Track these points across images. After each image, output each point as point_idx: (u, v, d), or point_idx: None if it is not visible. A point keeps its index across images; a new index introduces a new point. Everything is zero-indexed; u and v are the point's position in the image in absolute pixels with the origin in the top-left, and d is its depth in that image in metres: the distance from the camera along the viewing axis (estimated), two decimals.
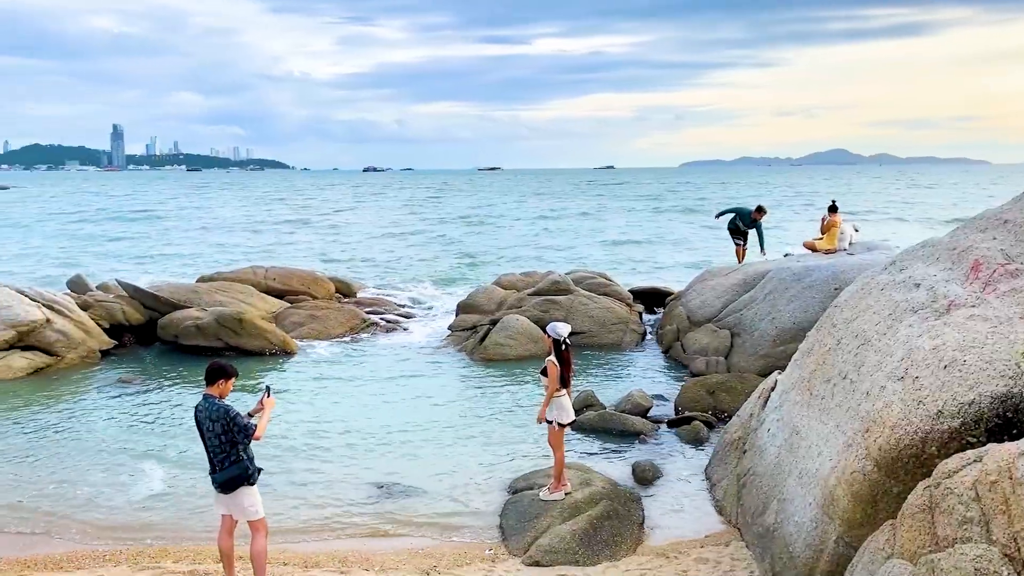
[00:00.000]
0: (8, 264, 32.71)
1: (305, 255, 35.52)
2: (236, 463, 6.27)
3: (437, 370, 15.54)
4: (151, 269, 31.03)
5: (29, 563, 7.64)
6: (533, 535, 8.04)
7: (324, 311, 19.46)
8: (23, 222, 56.94)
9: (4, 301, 15.90)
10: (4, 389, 14.03)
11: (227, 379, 6.40)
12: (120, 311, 17.76)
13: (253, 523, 6.45)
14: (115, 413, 12.67)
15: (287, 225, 54.12)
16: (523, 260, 33.40)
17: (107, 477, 9.95)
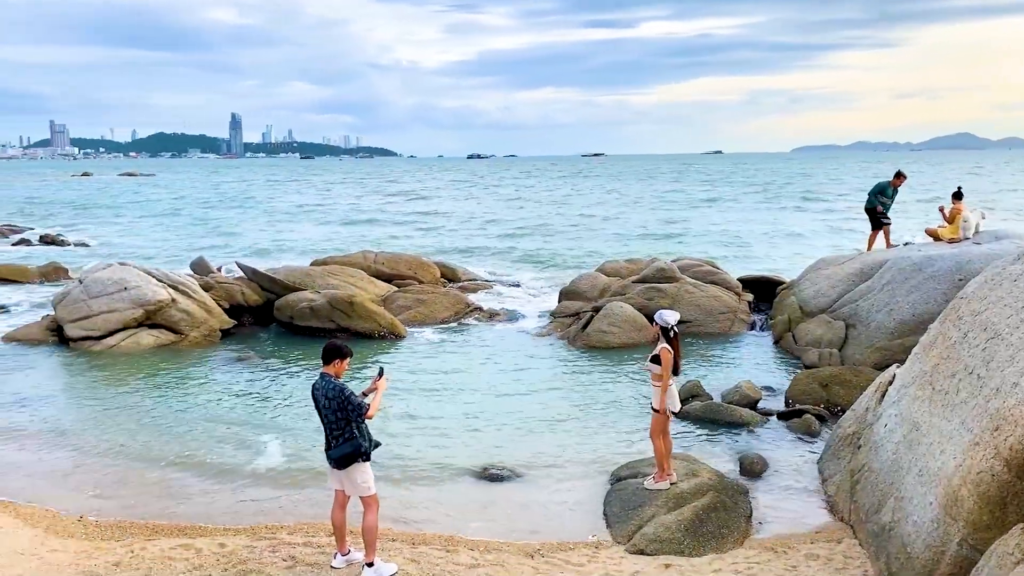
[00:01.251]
0: (138, 246, 34.70)
1: (411, 240, 36.25)
2: (350, 440, 6.50)
3: (539, 356, 15.61)
4: (268, 252, 32.32)
5: (156, 529, 8.11)
6: (637, 523, 7.99)
7: (430, 295, 19.82)
8: (154, 206, 60.29)
9: (133, 282, 16.88)
10: (133, 364, 14.92)
11: (342, 359, 6.62)
12: (239, 292, 18.59)
13: (365, 499, 6.67)
14: (234, 389, 13.30)
15: (395, 210, 55.33)
16: (628, 248, 33.09)
17: (227, 449, 10.46)
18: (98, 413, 12.05)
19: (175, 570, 6.78)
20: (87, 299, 16.54)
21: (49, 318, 17.22)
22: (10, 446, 10.62)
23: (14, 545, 7.43)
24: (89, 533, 7.95)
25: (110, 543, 7.65)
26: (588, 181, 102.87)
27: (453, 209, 56.92)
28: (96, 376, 14.19)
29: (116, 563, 6.99)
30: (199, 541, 7.58)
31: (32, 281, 24.51)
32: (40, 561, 7.08)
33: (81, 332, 16.11)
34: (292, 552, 7.15)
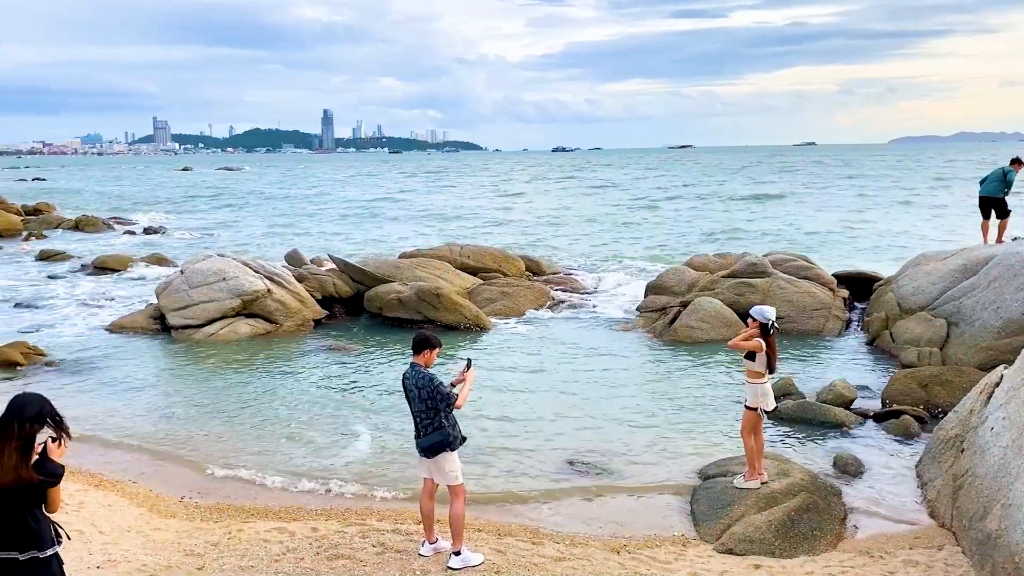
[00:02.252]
0: (235, 237, 35.97)
1: (496, 234, 36.45)
2: (438, 429, 6.61)
3: (625, 350, 15.49)
4: (358, 245, 33.03)
5: (252, 511, 8.40)
6: (726, 523, 7.85)
7: (515, 288, 19.90)
8: (250, 199, 62.41)
9: (231, 273, 17.50)
10: (230, 352, 15.49)
11: (431, 349, 6.73)
12: (331, 284, 19.06)
13: (453, 488, 6.76)
14: (327, 378, 13.65)
15: (481, 203, 55.75)
16: (718, 242, 32.49)
17: (321, 436, 10.76)
18: (198, 399, 12.56)
19: (270, 552, 7.01)
20: (188, 289, 17.24)
21: (152, 307, 18.01)
22: (117, 429, 11.17)
23: (121, 522, 7.82)
24: (189, 514, 8.30)
25: (209, 524, 7.96)
26: (675, 173, 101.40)
27: (538, 202, 56.94)
28: (196, 363, 14.78)
29: (215, 543, 7.27)
30: (292, 525, 7.82)
31: (137, 270, 25.71)
32: (145, 539, 7.43)
33: (182, 321, 16.81)
34: (381, 539, 7.30)
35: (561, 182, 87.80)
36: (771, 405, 8.43)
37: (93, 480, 9.02)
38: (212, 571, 6.57)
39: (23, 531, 3.83)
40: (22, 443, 3.80)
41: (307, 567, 6.67)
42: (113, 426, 11.26)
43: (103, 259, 26.60)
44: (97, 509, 8.07)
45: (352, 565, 6.69)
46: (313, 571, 6.58)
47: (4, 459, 3.77)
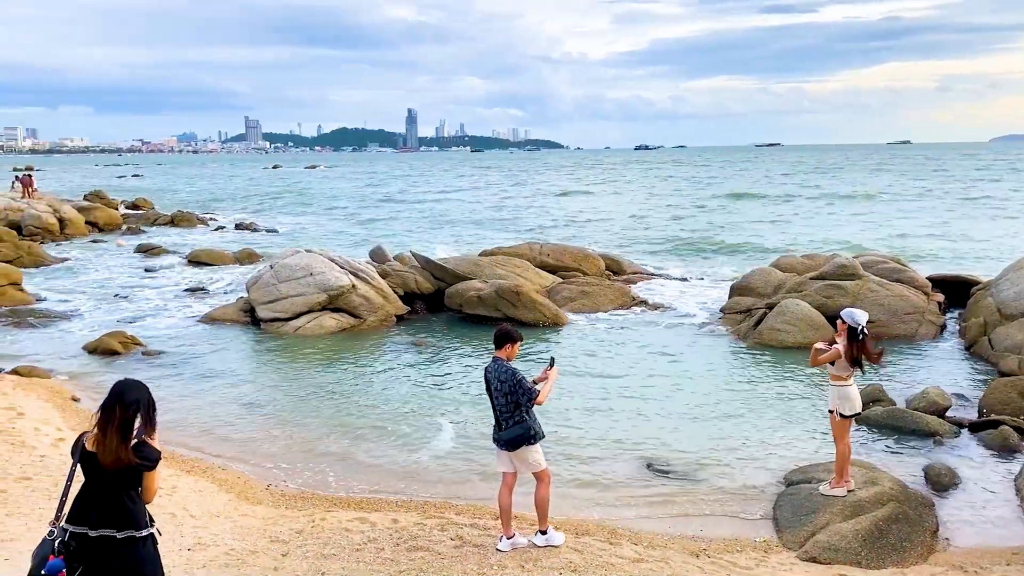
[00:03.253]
0: (323, 233, 36.87)
1: (576, 232, 36.35)
2: (520, 423, 6.67)
3: (708, 351, 15.24)
4: (440, 242, 33.43)
5: (334, 500, 8.60)
6: (810, 530, 7.64)
7: (595, 287, 19.82)
8: (337, 197, 63.90)
9: (318, 268, 17.95)
10: (317, 345, 15.88)
11: (513, 343, 6.81)
12: (413, 280, 19.35)
13: (538, 473, 6.86)
14: (409, 372, 13.87)
15: (562, 201, 55.71)
16: (804, 244, 31.66)
17: (402, 429, 10.94)
18: (285, 390, 12.93)
19: (352, 542, 7.15)
20: (277, 283, 17.75)
21: (243, 300, 18.62)
22: (209, 416, 11.59)
23: (211, 507, 8.11)
24: (275, 501, 8.55)
25: (293, 511, 8.19)
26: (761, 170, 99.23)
27: (619, 201, 56.56)
28: (284, 355, 15.22)
29: (299, 531, 7.47)
30: (373, 515, 7.97)
31: (229, 265, 26.65)
32: (233, 524, 7.68)
33: (271, 314, 17.32)
34: (460, 532, 7.37)
35: (643, 180, 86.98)
36: (851, 410, 8.15)
37: (185, 465, 9.38)
38: (296, 558, 6.75)
39: (121, 511, 4.01)
40: (122, 426, 3.98)
41: (387, 557, 6.78)
42: (205, 414, 11.68)
43: (197, 253, 27.66)
44: (188, 494, 8.38)
45: (431, 557, 6.77)
46: (393, 562, 6.69)
47: (106, 441, 3.96)
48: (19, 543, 6.62)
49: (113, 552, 3.99)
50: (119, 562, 4.00)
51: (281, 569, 6.47)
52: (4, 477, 8.25)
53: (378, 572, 6.48)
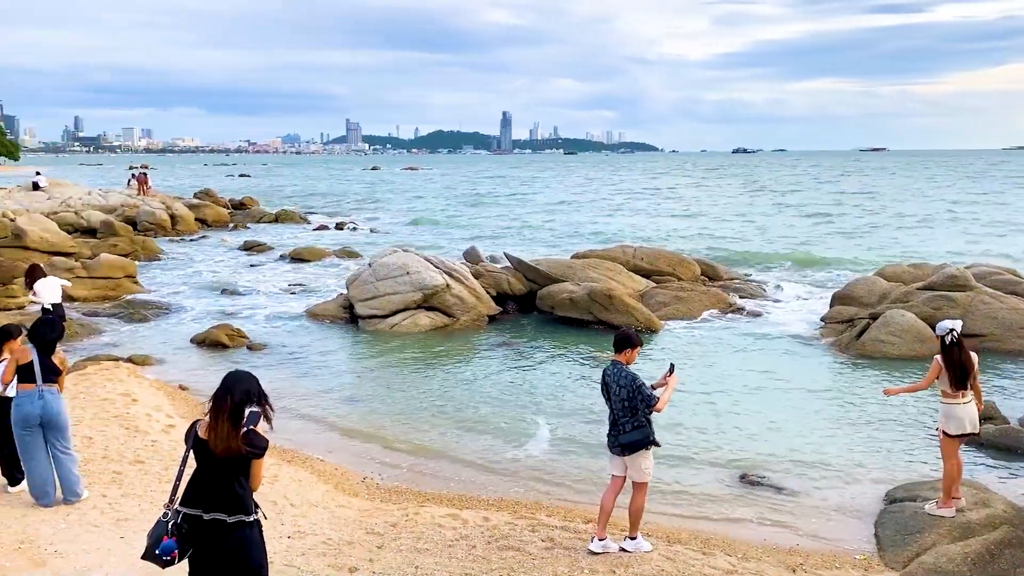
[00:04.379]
0: (418, 233, 37.52)
1: (671, 236, 35.87)
2: (639, 428, 6.68)
3: (806, 361, 14.81)
4: (533, 243, 33.55)
5: (427, 496, 8.75)
6: (915, 550, 7.33)
7: (689, 292, 19.51)
8: (433, 198, 64.94)
9: (415, 267, 18.28)
10: (412, 342, 16.19)
11: (633, 348, 6.85)
12: (506, 281, 19.49)
13: (639, 484, 6.85)
14: (501, 372, 13.98)
15: (656, 204, 55.09)
16: (905, 251, 30.38)
17: (494, 428, 11.04)
18: (381, 385, 13.22)
19: (444, 537, 7.26)
20: (375, 281, 18.17)
21: (342, 297, 19.13)
22: (308, 409, 11.95)
23: (310, 497, 8.36)
24: (370, 494, 8.76)
25: (388, 505, 8.36)
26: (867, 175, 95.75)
27: (716, 205, 55.51)
28: (380, 352, 15.56)
29: (393, 524, 7.62)
30: (465, 512, 8.07)
31: (329, 262, 27.41)
32: (330, 514, 7.90)
33: (368, 311, 17.74)
34: (550, 534, 7.38)
35: (743, 184, 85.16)
36: (957, 429, 7.76)
37: (286, 456, 9.70)
38: (390, 551, 6.89)
39: (231, 496, 4.20)
40: (233, 415, 4.16)
41: (479, 555, 6.86)
42: (304, 406, 12.06)
43: (299, 251, 28.59)
44: (289, 483, 8.67)
45: (522, 557, 6.81)
46: (484, 559, 6.76)
47: (218, 429, 4.14)
48: (133, 523, 6.99)
49: (223, 535, 4.17)
50: (228, 545, 4.18)
51: (376, 561, 6.62)
52: (120, 459, 8.72)
53: (470, 569, 6.55)
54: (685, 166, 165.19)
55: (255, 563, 4.26)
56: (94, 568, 6.03)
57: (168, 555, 4.09)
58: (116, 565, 6.09)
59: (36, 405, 7.04)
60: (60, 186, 45.88)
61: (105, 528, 6.83)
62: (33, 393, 7.04)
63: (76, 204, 36.96)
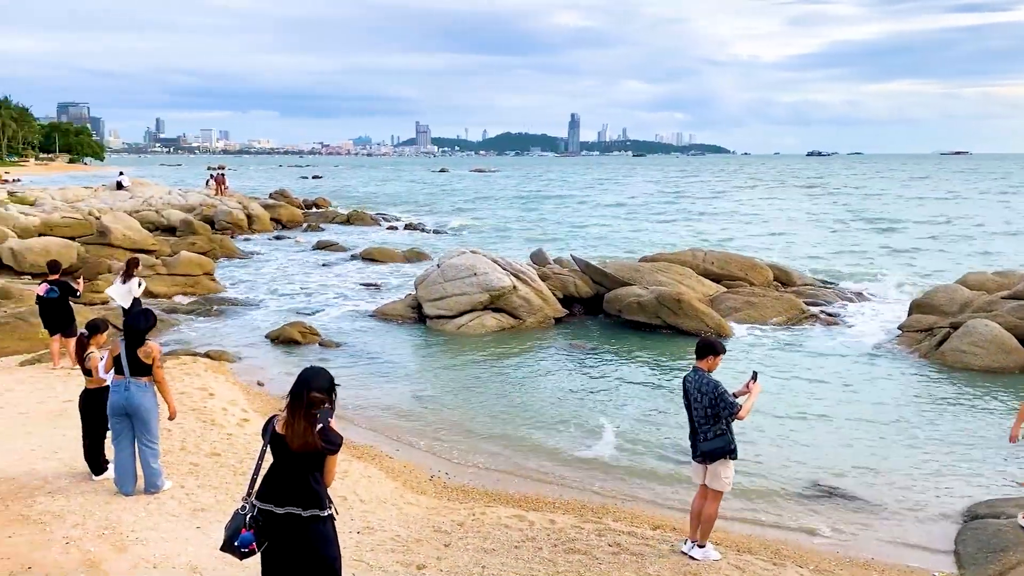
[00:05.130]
0: (486, 234, 37.72)
1: (743, 240, 35.27)
2: (720, 436, 6.60)
3: (882, 371, 14.37)
4: (600, 246, 33.40)
5: (493, 496, 8.78)
6: (998, 568, 7.04)
7: (761, 298, 19.15)
8: (499, 200, 65.20)
9: (482, 268, 18.38)
10: (478, 343, 16.28)
11: (716, 356, 6.76)
12: (572, 284, 19.45)
13: (715, 492, 6.77)
14: (569, 375, 13.95)
15: (727, 208, 54.26)
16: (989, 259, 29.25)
17: (560, 431, 11.01)
18: (449, 385, 13.33)
19: (510, 538, 7.27)
20: (443, 282, 18.34)
21: (411, 297, 19.35)
22: (378, 406, 12.13)
23: (378, 493, 8.48)
24: (438, 492, 8.83)
25: (454, 504, 8.42)
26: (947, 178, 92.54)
27: (790, 208, 54.36)
28: (448, 352, 15.70)
29: (460, 523, 7.67)
30: (531, 514, 8.07)
31: (399, 263, 27.78)
32: (398, 511, 8.00)
33: (436, 311, 17.91)
34: (617, 539, 7.33)
35: (816, 188, 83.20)
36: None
37: (356, 452, 9.85)
38: (457, 549, 6.94)
39: (306, 490, 4.28)
40: (309, 412, 4.24)
41: (545, 557, 6.85)
42: (374, 403, 12.24)
43: (369, 251, 29.05)
44: (359, 479, 8.80)
45: (588, 561, 6.77)
46: (551, 562, 6.75)
47: (294, 425, 4.23)
48: (209, 513, 7.19)
49: (297, 529, 4.26)
50: (303, 539, 4.26)
51: (444, 559, 6.67)
52: (197, 452, 8.98)
53: (536, 571, 6.55)
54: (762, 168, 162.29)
55: (329, 557, 4.34)
56: (173, 556, 6.23)
57: (246, 547, 4.20)
58: (194, 554, 6.28)
59: (122, 396, 7.32)
60: (142, 186, 47.55)
61: (183, 518, 7.05)
62: (120, 384, 7.34)
63: (157, 203, 38.31)
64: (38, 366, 12.40)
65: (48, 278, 12.39)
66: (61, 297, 12.21)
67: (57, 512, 6.92)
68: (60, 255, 20.52)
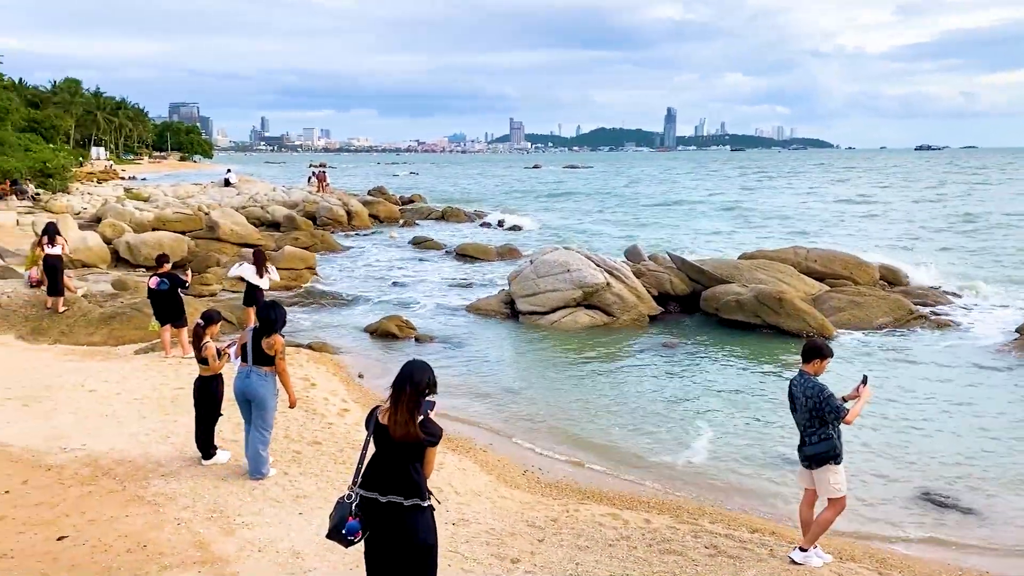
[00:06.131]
0: (579, 231, 37.60)
1: (847, 237, 34.05)
2: (825, 440, 6.41)
3: (998, 376, 13.63)
4: (693, 243, 32.83)
5: (587, 493, 8.74)
6: None
7: (867, 298, 18.42)
8: (593, 196, 64.93)
9: (575, 265, 18.32)
10: (572, 339, 16.24)
11: (823, 359, 6.59)
12: (668, 281, 19.17)
13: (833, 500, 6.56)
14: (665, 374, 13.76)
15: (833, 205, 52.50)
16: None
17: (655, 430, 10.88)
18: (542, 381, 13.35)
19: (605, 536, 7.22)
20: (536, 278, 18.37)
21: (504, 292, 19.47)
22: (471, 399, 12.25)
23: (473, 486, 8.55)
24: (531, 487, 8.85)
25: (548, 500, 8.42)
26: None
27: (899, 206, 52.14)
28: (541, 348, 15.72)
29: (554, 519, 7.66)
30: (626, 513, 7.99)
31: (492, 259, 27.99)
32: (492, 504, 8.05)
33: (529, 307, 17.95)
34: (714, 541, 7.18)
35: (930, 183, 79.56)
36: None
37: (450, 444, 9.96)
38: (551, 545, 6.93)
39: (407, 481, 4.35)
40: (411, 403, 4.31)
41: (640, 557, 6.77)
42: (468, 396, 12.37)
43: (464, 247, 29.36)
44: (453, 471, 8.90)
45: (684, 563, 6.66)
46: (645, 561, 6.66)
47: (397, 416, 4.31)
48: (311, 500, 7.41)
49: (399, 518, 4.33)
50: (403, 527, 4.33)
51: (537, 554, 6.67)
52: (299, 440, 9.26)
53: (631, 570, 6.47)
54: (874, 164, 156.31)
55: (428, 545, 4.40)
56: (277, 540, 6.44)
57: (353, 535, 4.30)
58: (296, 539, 6.48)
59: (243, 383, 7.72)
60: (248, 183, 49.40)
61: (286, 503, 7.28)
62: (243, 372, 7.75)
63: (262, 200, 39.76)
64: (152, 355, 13.02)
65: (158, 271, 12.99)
66: (171, 289, 12.77)
67: (170, 494, 7.26)
68: (172, 249, 21.56)
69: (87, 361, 12.44)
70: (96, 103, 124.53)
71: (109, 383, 10.97)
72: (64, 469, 7.76)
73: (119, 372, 11.68)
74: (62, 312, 14.73)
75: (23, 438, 8.55)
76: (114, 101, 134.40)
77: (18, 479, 7.45)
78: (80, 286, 17.18)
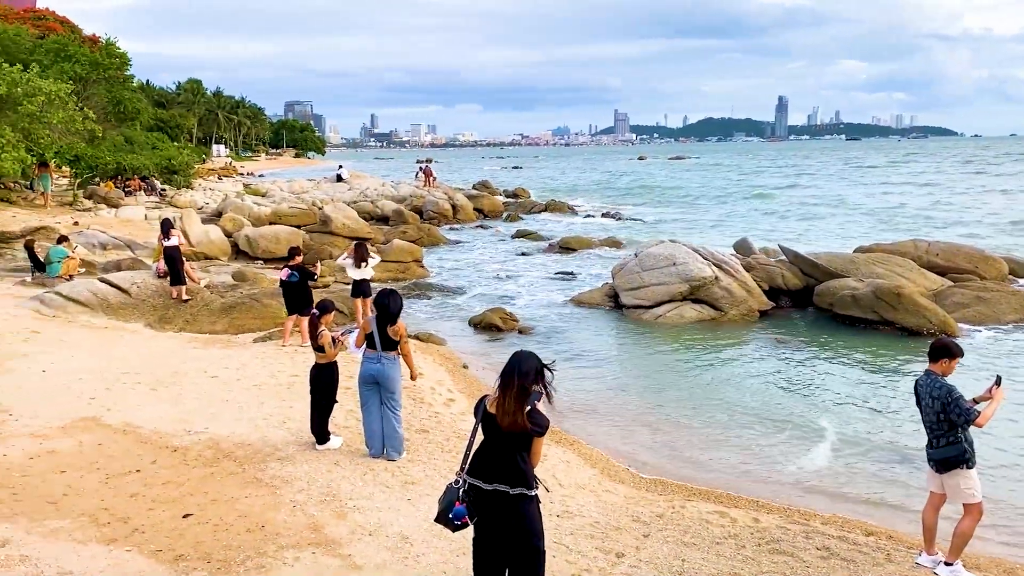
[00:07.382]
0: (685, 223, 36.99)
1: (972, 230, 32.24)
2: (953, 444, 6.14)
3: None
4: (805, 237, 31.76)
5: (693, 490, 8.60)
6: None
7: (994, 293, 17.40)
8: (701, 188, 63.74)
9: (682, 258, 18.03)
10: (677, 334, 16.00)
11: (952, 359, 6.30)
12: (779, 275, 18.62)
13: (968, 505, 6.27)
14: (777, 371, 13.38)
15: (957, 196, 49.82)
16: None
17: (767, 428, 10.61)
18: (647, 375, 13.22)
19: (712, 534, 7.10)
20: (640, 271, 18.18)
21: (607, 286, 19.35)
22: (576, 392, 12.19)
23: (577, 479, 8.55)
24: (635, 482, 8.77)
25: (653, 495, 8.33)
26: None
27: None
28: (646, 342, 15.55)
29: (659, 515, 7.58)
30: (733, 511, 7.83)
31: (596, 251, 27.86)
32: (596, 498, 8.03)
33: (633, 300, 17.79)
34: (826, 543, 6.95)
35: None
36: None
37: (554, 437, 9.98)
38: (657, 541, 6.86)
39: (514, 469, 4.41)
40: (519, 393, 4.35)
41: (747, 556, 6.62)
42: (572, 389, 12.32)
43: (567, 240, 29.34)
44: (557, 463, 8.93)
45: (795, 564, 6.47)
46: (754, 561, 6.51)
47: (505, 405, 4.36)
48: (418, 486, 7.57)
49: (505, 506, 4.39)
50: (510, 515, 4.39)
51: (643, 549, 6.62)
52: (407, 428, 9.44)
53: (738, 569, 6.34)
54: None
55: (534, 535, 4.44)
56: (387, 525, 6.62)
57: (460, 520, 4.39)
58: (405, 524, 6.64)
59: (373, 367, 8.13)
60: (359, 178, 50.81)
61: (395, 489, 7.46)
62: (373, 357, 8.15)
63: (372, 195, 40.85)
64: (269, 343, 13.57)
65: (289, 263, 13.54)
66: (301, 281, 13.29)
67: (286, 477, 7.56)
68: (288, 242, 22.36)
69: (209, 348, 13.07)
70: (217, 102, 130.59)
71: (229, 369, 11.50)
72: (189, 451, 8.19)
73: (239, 359, 12.22)
74: (186, 301, 15.53)
75: (152, 421, 9.07)
76: (233, 100, 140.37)
77: (148, 459, 7.91)
78: (203, 277, 18.09)
